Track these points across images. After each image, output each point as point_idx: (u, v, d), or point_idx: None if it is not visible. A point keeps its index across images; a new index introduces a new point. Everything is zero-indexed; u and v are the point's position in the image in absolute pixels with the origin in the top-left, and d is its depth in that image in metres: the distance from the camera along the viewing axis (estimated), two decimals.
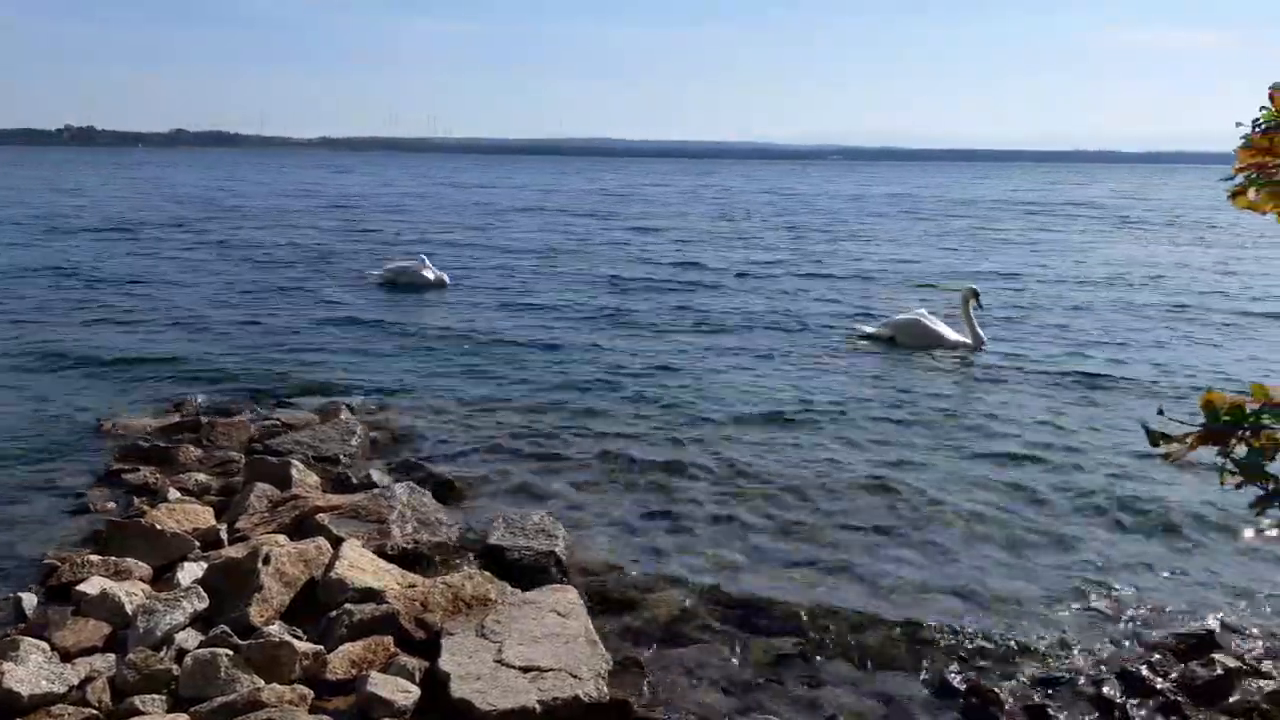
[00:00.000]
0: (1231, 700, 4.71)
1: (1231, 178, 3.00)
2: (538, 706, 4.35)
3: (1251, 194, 2.98)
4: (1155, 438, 2.80)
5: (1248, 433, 2.74)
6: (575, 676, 4.53)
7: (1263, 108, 2.96)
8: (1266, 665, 5.04)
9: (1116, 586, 5.98)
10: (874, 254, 25.68)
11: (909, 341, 13.40)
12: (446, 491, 7.27)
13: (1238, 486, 2.69)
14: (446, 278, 18.54)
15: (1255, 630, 5.43)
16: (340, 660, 4.72)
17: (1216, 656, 5.04)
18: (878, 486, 7.67)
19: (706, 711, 4.60)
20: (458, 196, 52.86)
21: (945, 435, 9.16)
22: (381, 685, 4.44)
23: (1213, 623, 5.49)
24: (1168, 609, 5.73)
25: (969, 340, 13.23)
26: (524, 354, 12.55)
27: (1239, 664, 4.98)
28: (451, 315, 15.52)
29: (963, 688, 4.81)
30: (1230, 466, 2.75)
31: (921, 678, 4.95)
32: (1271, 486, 2.62)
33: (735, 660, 5.07)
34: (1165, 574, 6.21)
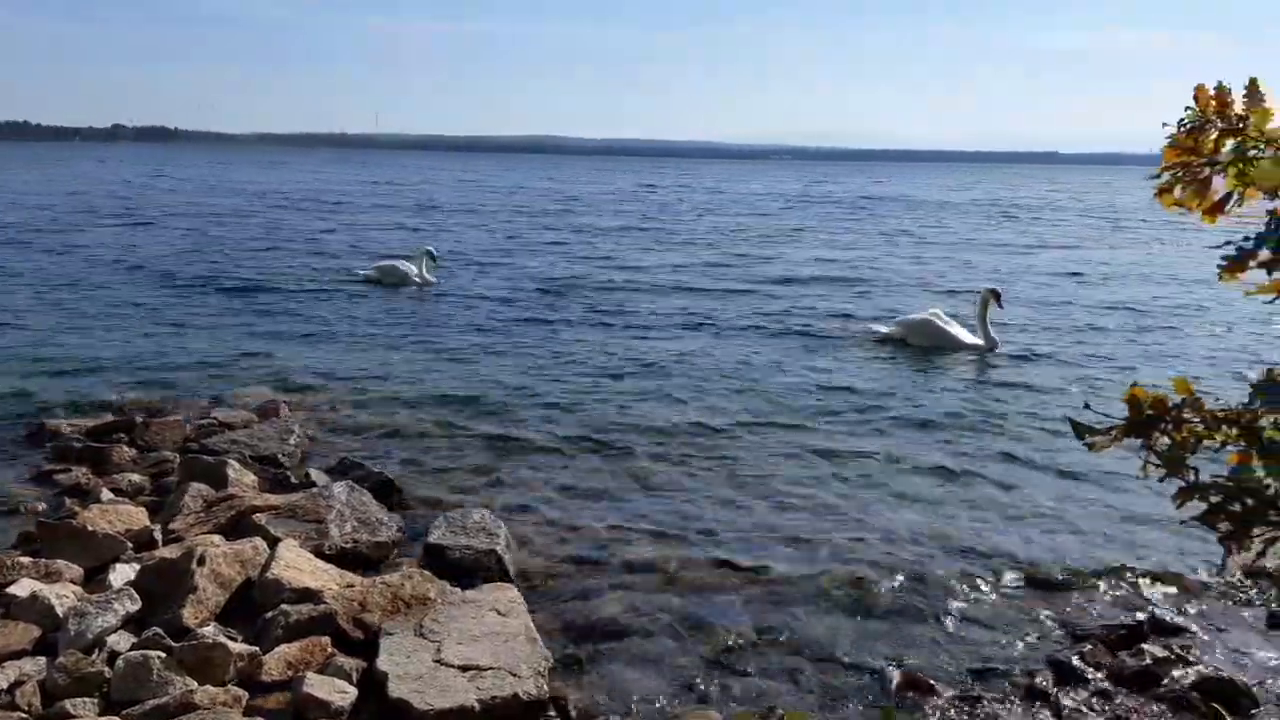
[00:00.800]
0: (1160, 689, 4.81)
1: (1158, 176, 3.06)
2: (476, 705, 4.33)
3: (1177, 192, 3.03)
4: (1081, 431, 2.84)
5: (1169, 426, 2.79)
6: (515, 675, 4.52)
7: (1187, 107, 3.02)
8: (1193, 655, 5.16)
9: (1050, 579, 6.09)
10: (815, 256, 25.87)
11: (921, 342, 13.23)
12: (387, 491, 7.19)
13: (1160, 479, 2.74)
14: (433, 278, 18.12)
15: (1182, 621, 5.55)
16: (276, 661, 4.66)
17: (1145, 646, 5.15)
18: (815, 485, 7.74)
19: (647, 706, 4.62)
20: (390, 193, 52.05)
21: (895, 429, 9.27)
22: (317, 686, 4.39)
23: (1141, 615, 5.61)
24: (1099, 601, 5.85)
25: (981, 342, 13.03)
26: (468, 354, 12.47)
27: (1167, 654, 5.09)
28: (398, 315, 15.37)
29: (899, 678, 4.88)
30: (1153, 459, 2.80)
31: (860, 669, 5.01)
32: (1192, 478, 2.67)
33: (677, 655, 5.09)
34: (1097, 568, 6.32)
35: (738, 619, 5.51)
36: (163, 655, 4.52)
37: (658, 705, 4.64)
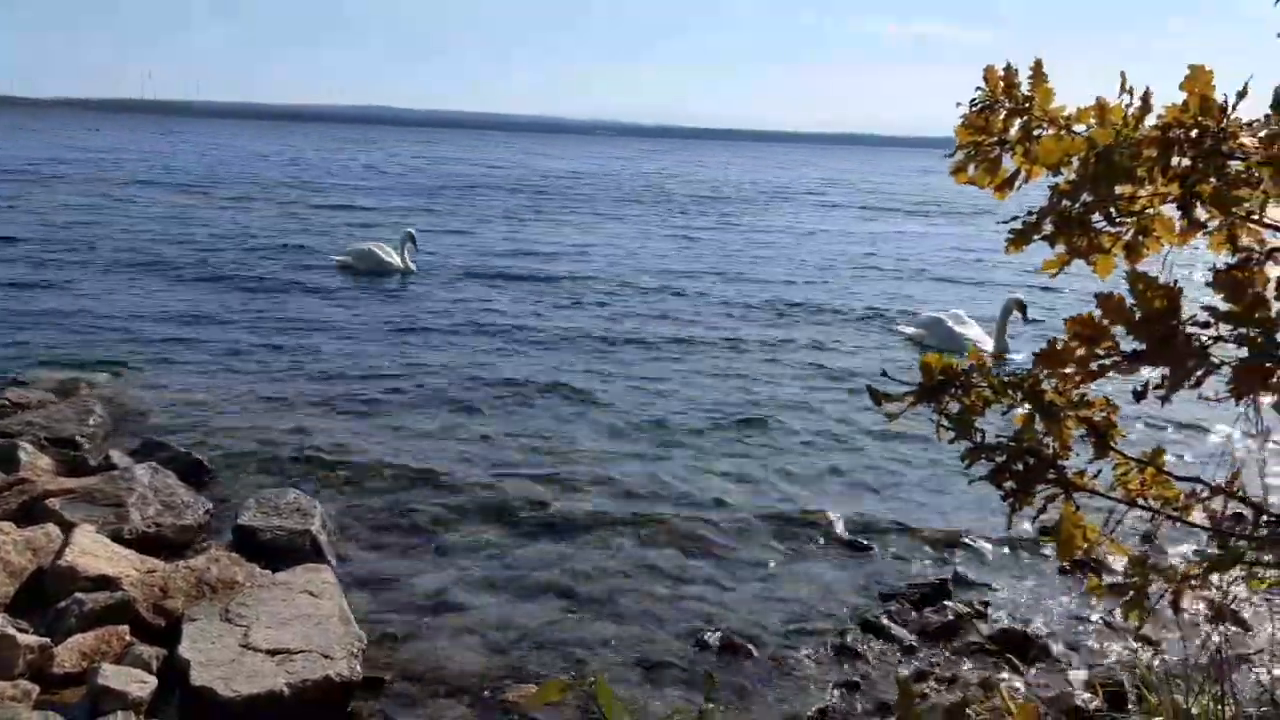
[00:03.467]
0: (960, 642, 5.07)
1: (953, 155, 3.16)
2: (286, 690, 4.19)
3: (970, 170, 3.15)
4: (878, 397, 2.92)
5: (959, 391, 2.89)
6: (327, 657, 4.39)
7: (978, 87, 3.13)
8: (991, 609, 5.45)
9: (861, 542, 6.31)
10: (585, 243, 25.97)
11: (932, 342, 13.01)
12: (196, 472, 6.89)
13: (950, 441, 2.84)
14: (414, 264, 16.78)
15: (982, 577, 5.85)
16: (69, 653, 4.40)
17: (948, 603, 5.41)
18: (633, 461, 7.78)
19: (465, 681, 4.57)
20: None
21: (727, 407, 9.43)
22: (113, 677, 4.16)
23: (945, 572, 5.87)
24: (907, 561, 6.09)
25: (990, 347, 12.39)
26: (276, 331, 11.96)
27: (968, 609, 5.36)
28: (217, 288, 14.63)
29: (717, 644, 4.97)
30: (945, 422, 2.90)
31: (679, 635, 5.09)
32: (980, 439, 2.78)
33: (495, 629, 5.05)
34: (905, 530, 6.58)
35: (556, 591, 5.51)
36: None
37: (475, 680, 4.58)
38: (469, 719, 4.30)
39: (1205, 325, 2.25)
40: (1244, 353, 2.36)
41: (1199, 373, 2.25)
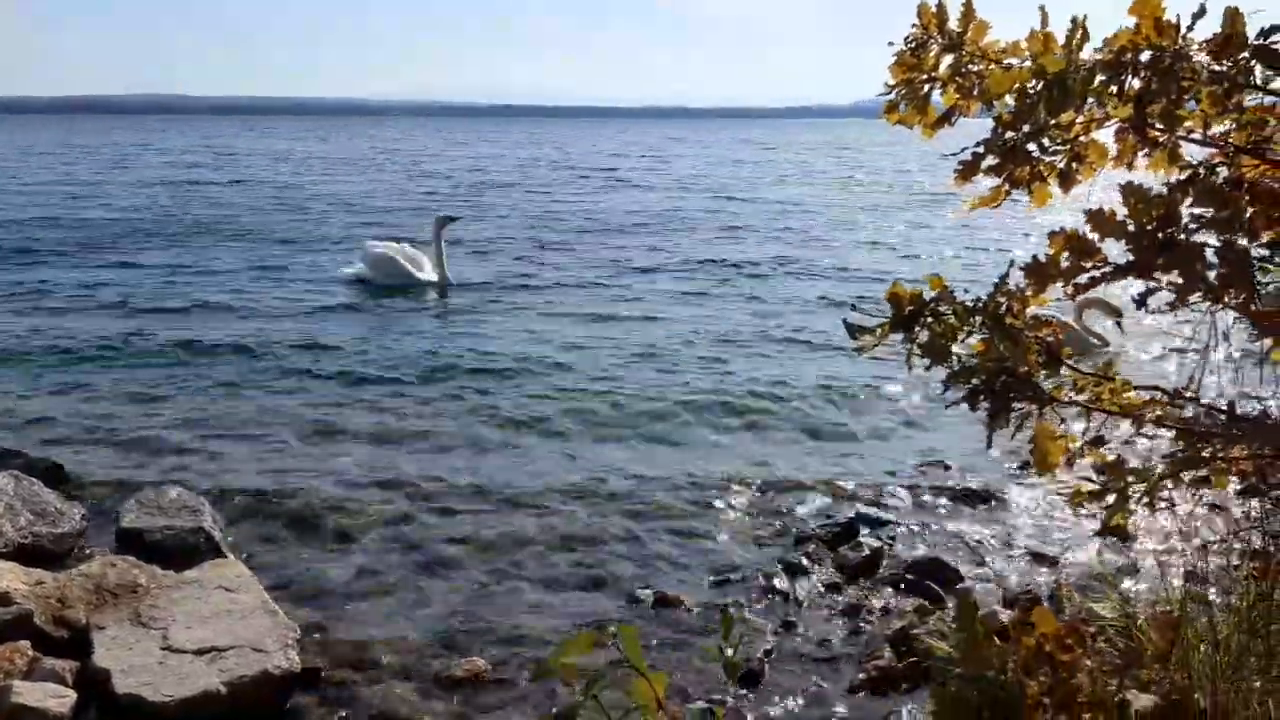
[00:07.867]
0: (880, 574, 5.24)
1: (887, 94, 3.21)
2: (222, 688, 3.97)
3: (901, 109, 3.21)
4: (854, 331, 2.95)
5: (930, 319, 2.95)
6: (260, 650, 4.19)
7: (913, 25, 3.18)
8: (901, 542, 5.67)
9: (766, 492, 6.42)
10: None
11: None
12: (58, 477, 6.43)
13: (926, 369, 2.90)
14: (450, 274, 13.42)
15: (885, 515, 6.04)
16: None
17: (862, 539, 5.58)
18: (538, 431, 7.69)
19: (405, 661, 4.43)
20: None
21: (623, 372, 9.41)
22: (28, 694, 3.86)
23: (850, 513, 6.02)
24: (810, 507, 6.21)
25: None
26: (108, 325, 11.25)
27: (881, 544, 5.53)
28: (53, 281, 13.62)
29: (649, 598, 4.99)
30: (916, 351, 2.96)
31: (611, 594, 5.08)
32: (958, 365, 2.84)
33: (423, 608, 4.93)
34: (802, 476, 6.72)
35: (476, 565, 5.40)
36: None
37: (415, 659, 4.45)
38: (417, 700, 4.17)
39: (1193, 233, 2.37)
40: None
41: (1208, 275, 2.35)
